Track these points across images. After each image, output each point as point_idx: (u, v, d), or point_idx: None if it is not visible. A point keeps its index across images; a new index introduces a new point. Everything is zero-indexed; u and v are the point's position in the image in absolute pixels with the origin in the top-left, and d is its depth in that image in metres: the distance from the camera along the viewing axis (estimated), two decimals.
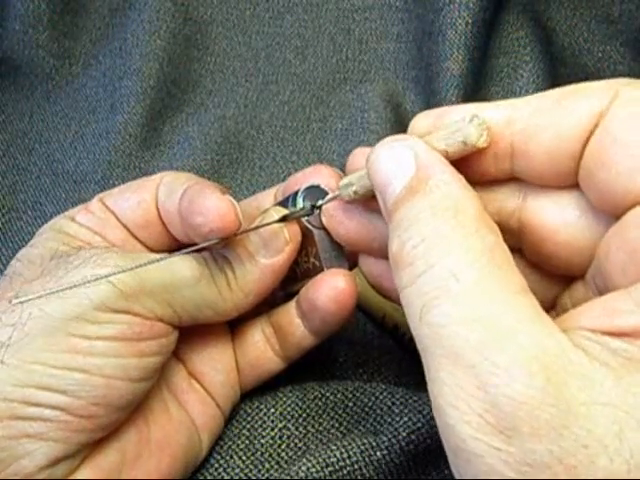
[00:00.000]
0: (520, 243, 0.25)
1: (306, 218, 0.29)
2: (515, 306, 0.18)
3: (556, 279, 0.25)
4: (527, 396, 0.17)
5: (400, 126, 0.50)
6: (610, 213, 0.21)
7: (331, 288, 0.29)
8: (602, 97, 0.21)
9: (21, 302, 0.24)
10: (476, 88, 0.51)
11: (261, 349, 0.32)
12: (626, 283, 0.20)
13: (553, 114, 0.22)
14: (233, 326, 0.32)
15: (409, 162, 0.21)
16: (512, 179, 0.24)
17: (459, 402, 0.18)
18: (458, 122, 0.22)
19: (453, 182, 0.21)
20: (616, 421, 0.16)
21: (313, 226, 0.29)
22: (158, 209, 0.30)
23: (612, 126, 0.20)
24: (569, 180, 0.22)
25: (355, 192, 0.26)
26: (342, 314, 0.29)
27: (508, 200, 0.25)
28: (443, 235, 0.20)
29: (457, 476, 0.19)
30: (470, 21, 0.49)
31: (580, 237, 0.23)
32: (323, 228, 0.29)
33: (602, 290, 0.22)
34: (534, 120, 0.22)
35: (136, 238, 0.30)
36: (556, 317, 0.21)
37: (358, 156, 0.28)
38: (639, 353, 0.18)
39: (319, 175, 0.30)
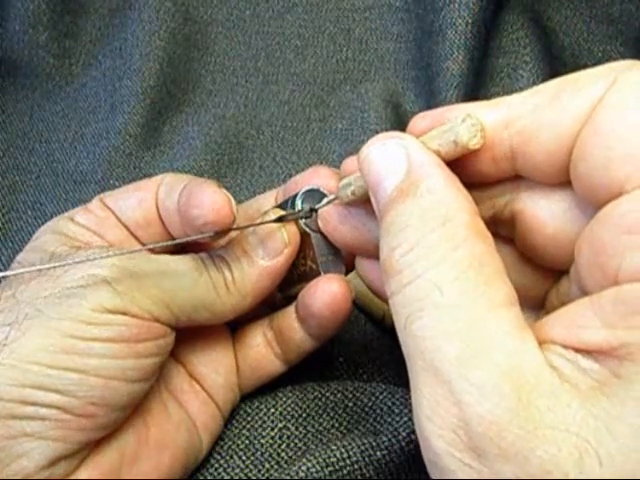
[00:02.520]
0: (513, 234, 0.25)
1: (304, 221, 0.29)
2: (496, 321, 0.18)
3: (546, 273, 0.25)
4: (497, 416, 0.17)
5: (400, 126, 0.50)
6: (594, 206, 0.21)
7: (325, 294, 0.29)
8: (599, 86, 0.20)
9: (3, 276, 0.24)
10: (476, 88, 0.51)
11: (262, 352, 0.32)
12: (591, 283, 0.20)
13: (550, 112, 0.21)
14: (235, 329, 0.32)
15: (401, 161, 0.21)
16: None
17: (435, 416, 0.18)
18: (449, 124, 0.22)
19: (445, 186, 0.20)
20: (577, 447, 0.16)
21: (311, 229, 0.29)
22: (158, 209, 0.30)
23: (599, 115, 0.20)
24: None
25: (353, 192, 0.26)
26: (337, 319, 0.29)
27: (502, 191, 0.24)
28: (431, 245, 0.19)
29: None
30: (470, 21, 0.49)
31: (567, 230, 0.22)
32: (320, 231, 0.29)
33: (579, 286, 0.21)
34: (532, 120, 0.21)
35: (136, 238, 0.30)
36: (545, 315, 0.21)
37: (350, 165, 0.27)
38: (607, 375, 0.17)
39: (318, 176, 0.30)
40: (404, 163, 0.21)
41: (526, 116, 0.22)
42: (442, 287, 0.19)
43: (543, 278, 0.25)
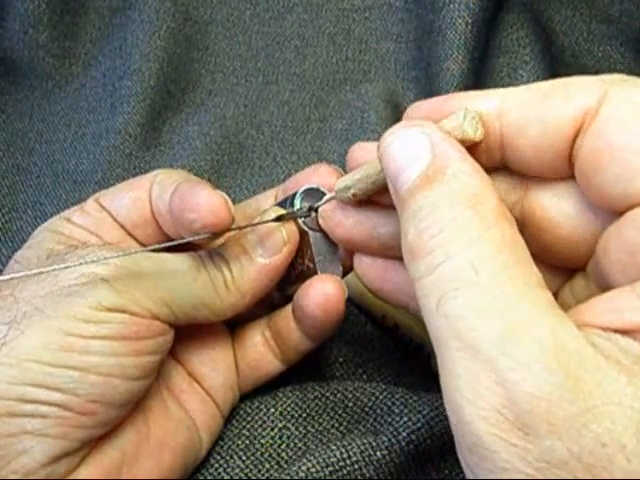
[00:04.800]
0: (522, 235, 0.25)
1: (303, 220, 0.29)
2: (534, 300, 0.18)
3: (558, 271, 0.25)
4: (546, 392, 0.17)
5: None
6: (609, 211, 0.21)
7: (318, 294, 0.29)
8: (590, 95, 0.21)
9: (4, 280, 0.24)
10: (476, 88, 0.51)
11: (261, 351, 0.32)
12: (626, 281, 0.20)
13: (541, 109, 0.22)
14: (233, 328, 0.32)
15: (425, 149, 0.21)
16: (514, 171, 0.24)
17: (476, 397, 0.18)
18: (452, 119, 0.23)
19: (472, 172, 0.20)
20: (633, 419, 0.16)
21: (310, 228, 0.29)
22: (152, 208, 0.30)
23: (605, 130, 0.20)
24: (558, 174, 0.23)
25: (354, 195, 0.26)
26: (331, 320, 0.29)
27: (510, 192, 0.24)
28: (463, 225, 0.19)
29: (469, 475, 0.19)
30: (470, 21, 0.49)
31: (581, 230, 0.23)
32: (319, 231, 0.29)
33: (601, 284, 0.22)
34: (522, 113, 0.22)
35: (133, 237, 0.30)
36: None
37: (358, 151, 0.27)
38: None
39: (318, 174, 0.30)
40: (428, 151, 0.21)
41: (516, 110, 0.22)
42: (477, 266, 0.19)
43: (555, 277, 0.25)
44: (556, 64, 0.53)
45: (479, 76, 0.51)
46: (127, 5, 0.55)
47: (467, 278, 0.19)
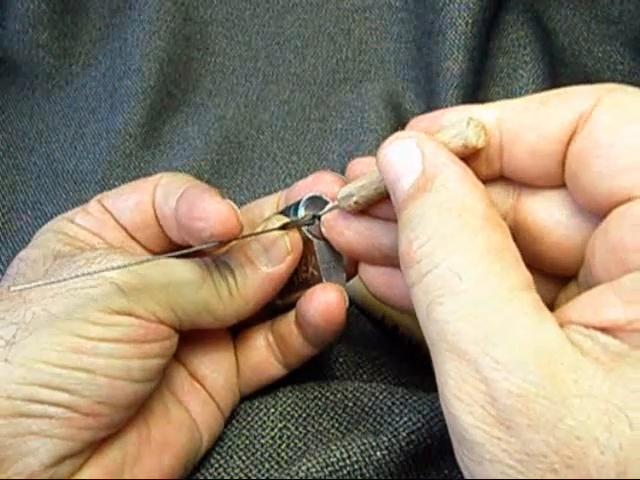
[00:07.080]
0: (515, 242, 0.25)
1: (307, 228, 0.29)
2: (516, 303, 0.19)
3: (552, 279, 0.25)
4: (524, 389, 0.18)
5: (400, 126, 0.50)
6: (596, 213, 0.22)
7: (321, 303, 0.29)
8: (584, 101, 0.22)
9: (18, 290, 0.24)
10: (476, 88, 0.51)
11: (263, 355, 0.32)
12: (609, 279, 0.20)
13: (537, 116, 0.22)
14: (237, 331, 0.33)
15: (416, 160, 0.22)
16: (506, 180, 0.25)
17: (463, 394, 0.19)
18: (456, 126, 0.23)
19: (460, 180, 0.21)
20: (606, 413, 0.17)
21: (314, 236, 0.29)
22: (155, 211, 0.30)
23: (594, 130, 0.21)
24: (553, 180, 0.23)
25: (356, 202, 0.26)
26: (332, 328, 0.29)
27: (502, 201, 0.25)
28: (447, 235, 0.20)
29: (460, 465, 0.20)
30: (470, 21, 0.49)
31: (571, 237, 0.23)
32: (323, 238, 0.29)
33: (590, 287, 0.22)
34: (520, 121, 0.23)
35: (134, 239, 0.30)
36: None
37: (357, 166, 0.28)
38: (627, 349, 0.18)
39: (321, 182, 0.30)
40: (419, 161, 0.22)
41: (515, 117, 0.23)
42: (461, 274, 0.19)
43: (548, 284, 0.25)
44: (556, 64, 0.53)
45: (479, 76, 0.51)
46: (127, 5, 0.55)
47: (451, 286, 0.20)
